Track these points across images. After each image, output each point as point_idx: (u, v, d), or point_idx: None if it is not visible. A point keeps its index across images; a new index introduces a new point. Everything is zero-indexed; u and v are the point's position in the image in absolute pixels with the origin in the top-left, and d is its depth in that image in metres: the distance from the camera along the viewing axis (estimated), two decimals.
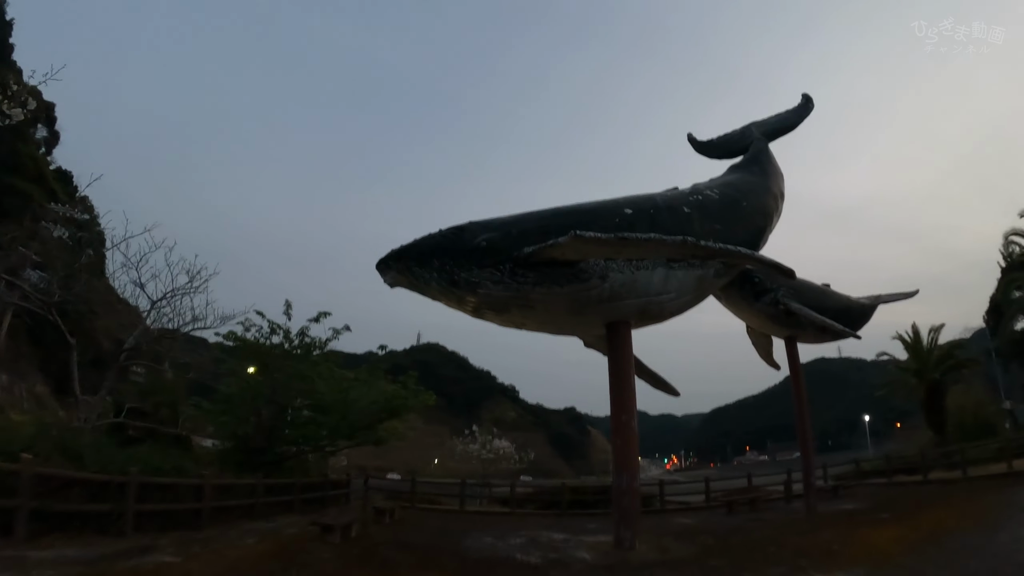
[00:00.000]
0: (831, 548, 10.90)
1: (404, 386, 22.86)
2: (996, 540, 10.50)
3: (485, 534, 14.06)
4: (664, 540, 12.33)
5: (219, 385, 22.07)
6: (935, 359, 34.52)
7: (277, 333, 21.29)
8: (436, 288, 10.77)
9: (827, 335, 20.24)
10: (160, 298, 20.14)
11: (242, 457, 19.28)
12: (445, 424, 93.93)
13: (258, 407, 19.90)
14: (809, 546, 11.16)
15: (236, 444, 20.19)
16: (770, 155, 18.57)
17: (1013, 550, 9.54)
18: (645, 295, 11.85)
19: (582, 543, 12.23)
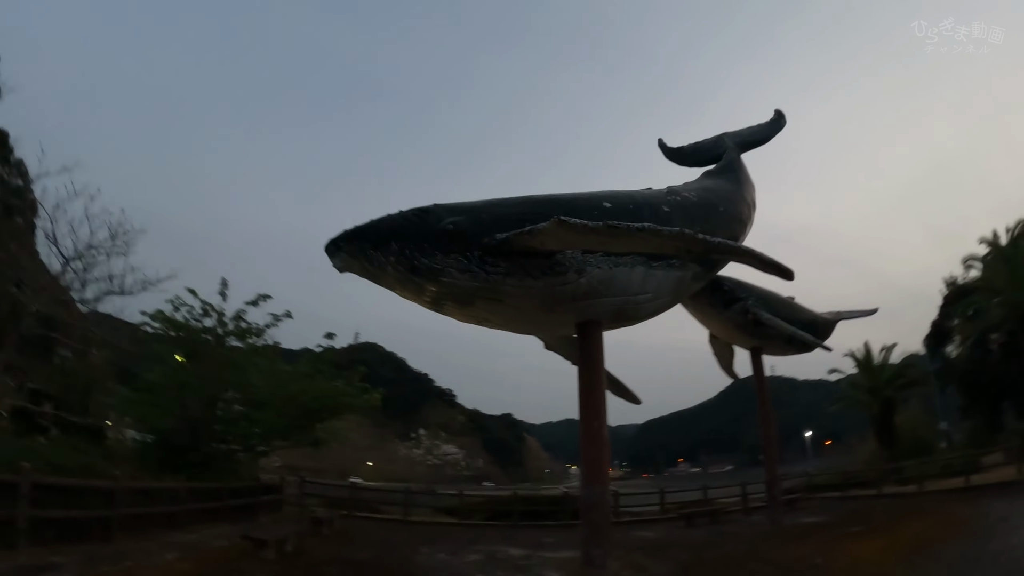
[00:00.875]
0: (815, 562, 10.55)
1: (348, 383, 21.11)
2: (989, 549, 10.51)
3: (436, 549, 12.97)
4: (634, 556, 11.58)
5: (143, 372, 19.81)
6: (887, 377, 35.19)
7: (210, 315, 19.42)
8: (392, 275, 9.43)
9: (792, 348, 19.93)
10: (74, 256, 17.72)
11: (164, 455, 17.31)
12: (381, 427, 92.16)
13: (184, 398, 17.90)
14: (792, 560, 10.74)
15: (158, 439, 18.21)
16: (744, 165, 18.16)
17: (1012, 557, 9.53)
18: (623, 294, 10.94)
19: (547, 561, 11.35)
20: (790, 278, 9.57)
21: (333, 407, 20.15)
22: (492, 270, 9.48)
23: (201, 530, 13.97)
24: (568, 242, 9.34)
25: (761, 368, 19.56)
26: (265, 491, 20.81)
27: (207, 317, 19.45)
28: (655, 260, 11.20)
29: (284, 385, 19.23)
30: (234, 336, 19.79)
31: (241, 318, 19.97)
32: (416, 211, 9.69)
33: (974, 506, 17.10)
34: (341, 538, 15.02)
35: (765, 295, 18.80)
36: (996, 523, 13.68)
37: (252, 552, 10.52)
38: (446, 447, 37.63)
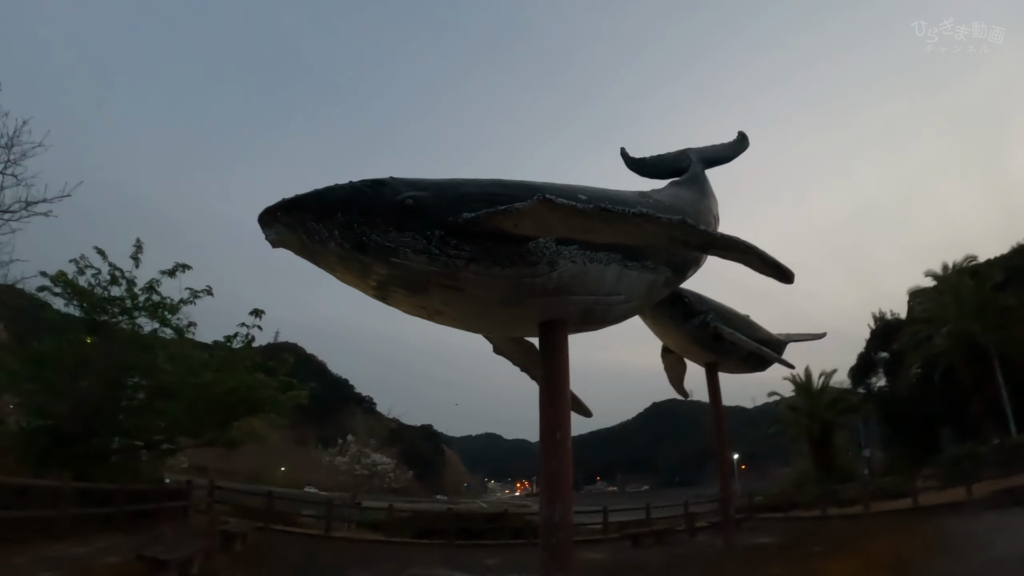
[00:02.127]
0: None
1: (274, 376, 18.93)
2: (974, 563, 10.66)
3: (367, 572, 11.49)
4: None
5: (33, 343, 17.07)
6: (826, 402, 36.37)
7: (119, 283, 17.10)
8: (335, 252, 8.03)
9: (748, 365, 19.56)
10: None
11: (50, 445, 14.99)
12: (296, 429, 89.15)
13: (81, 380, 15.60)
14: None
15: (44, 426, 15.81)
16: (708, 180, 17.65)
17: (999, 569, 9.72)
18: (594, 293, 9.89)
19: None
20: (790, 281, 8.68)
21: (253, 403, 17.93)
22: (454, 253, 8.20)
23: (88, 541, 11.94)
24: (549, 226, 8.14)
25: (717, 385, 19.11)
26: (169, 496, 18.54)
27: (115, 285, 17.12)
28: (630, 259, 10.24)
29: (197, 373, 16.97)
30: (144, 311, 17.45)
31: (154, 289, 17.63)
32: (370, 182, 8.31)
33: (932, 525, 17.43)
34: (256, 557, 13.37)
35: (724, 310, 18.51)
36: (967, 539, 13.86)
37: (149, 575, 8.83)
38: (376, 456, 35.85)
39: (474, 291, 8.74)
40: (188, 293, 18.18)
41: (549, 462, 9.58)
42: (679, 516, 25.48)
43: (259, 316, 18.80)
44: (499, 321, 10.55)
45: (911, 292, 41.43)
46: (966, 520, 17.19)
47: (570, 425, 10.07)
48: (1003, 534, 13.72)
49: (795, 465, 45.08)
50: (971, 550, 12.34)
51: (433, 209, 8.20)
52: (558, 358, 10.19)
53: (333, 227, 7.88)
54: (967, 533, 14.69)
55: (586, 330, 11.29)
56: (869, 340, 48.26)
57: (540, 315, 9.95)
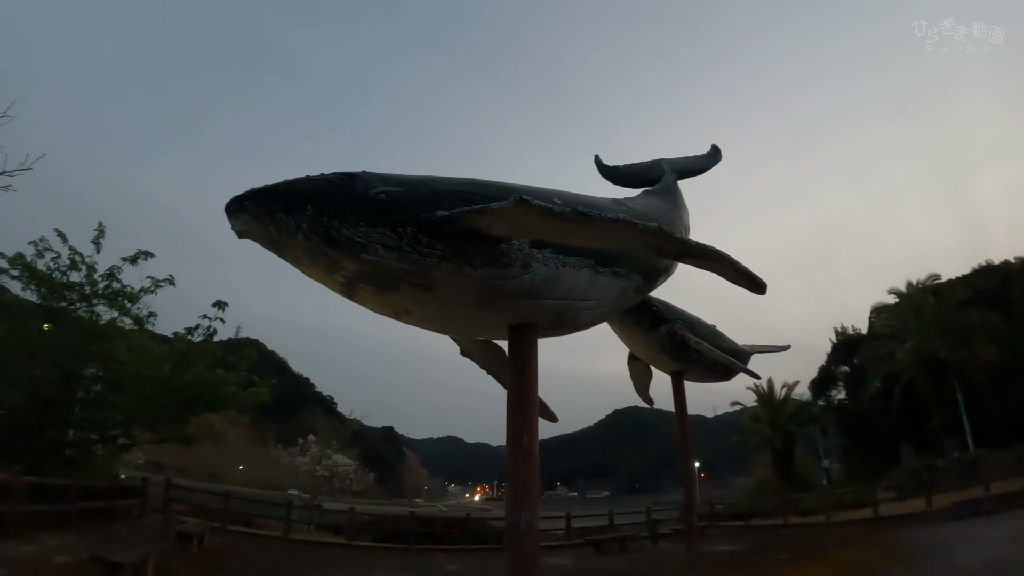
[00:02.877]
0: None
1: (235, 370, 18.19)
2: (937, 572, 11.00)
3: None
4: None
5: None
6: (788, 413, 36.96)
7: (79, 268, 16.38)
8: (303, 246, 7.77)
9: (713, 374, 19.75)
10: None
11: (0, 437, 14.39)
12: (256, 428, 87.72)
13: (34, 368, 15.05)
14: None
15: None
16: (680, 191, 17.85)
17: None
18: (566, 297, 9.83)
19: None
20: (762, 291, 8.67)
21: (212, 399, 17.22)
22: (426, 251, 8.05)
23: (39, 540, 11.43)
24: (524, 228, 8.01)
25: (683, 393, 19.20)
26: (124, 494, 17.56)
27: (75, 270, 16.40)
28: (602, 265, 10.25)
29: (155, 366, 16.34)
30: (103, 299, 16.71)
31: (115, 276, 16.89)
32: (342, 175, 8.12)
33: (895, 535, 17.54)
34: (213, 559, 12.94)
35: (692, 319, 18.59)
36: (931, 549, 13.99)
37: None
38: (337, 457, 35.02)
39: (444, 291, 8.58)
40: (149, 282, 17.48)
41: (516, 467, 9.45)
42: (642, 523, 25.48)
43: (222, 308, 17.97)
44: (468, 322, 10.33)
45: (874, 308, 42.25)
46: (928, 530, 17.42)
47: (538, 430, 9.97)
48: (966, 544, 13.93)
49: (755, 474, 45.68)
50: (936, 559, 12.54)
51: (406, 205, 8.03)
52: (527, 362, 10.09)
53: (302, 219, 7.63)
54: (930, 543, 14.89)
55: (556, 334, 11.20)
56: (830, 354, 49.16)
57: (511, 318, 9.85)
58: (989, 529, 15.48)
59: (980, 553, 12.52)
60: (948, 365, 32.90)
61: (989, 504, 19.29)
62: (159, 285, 17.47)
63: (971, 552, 12.80)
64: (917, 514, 21.40)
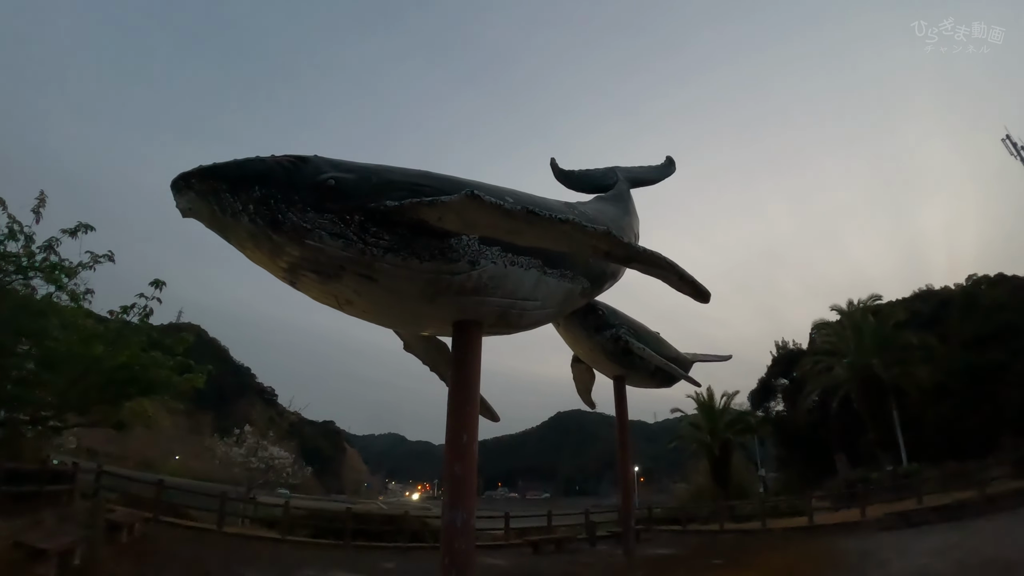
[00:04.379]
0: None
1: (170, 354, 17.35)
2: None
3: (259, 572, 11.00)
4: None
5: None
6: (727, 421, 37.80)
7: (17, 238, 15.38)
8: (247, 228, 7.59)
9: (655, 381, 20.08)
10: None
11: None
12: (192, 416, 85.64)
13: None
14: None
15: None
16: (632, 199, 17.99)
17: None
18: (512, 296, 9.80)
19: None
20: (706, 300, 8.79)
21: (146, 381, 16.44)
22: (372, 241, 7.95)
23: None
24: (474, 223, 7.98)
25: (624, 398, 19.42)
26: (52, 479, 16.43)
27: (12, 240, 15.39)
28: (550, 267, 10.26)
29: (88, 344, 15.42)
30: (40, 272, 15.70)
31: (53, 249, 15.80)
32: (292, 158, 7.94)
33: (827, 543, 17.91)
34: (143, 550, 12.54)
35: (636, 325, 18.86)
36: (864, 557, 14.26)
37: (26, 564, 8.18)
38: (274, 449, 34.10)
39: (389, 283, 8.48)
40: (88, 257, 16.37)
41: (453, 465, 9.43)
42: (580, 525, 25.70)
43: (159, 288, 17.10)
44: (412, 316, 10.21)
45: (815, 324, 43.40)
46: (861, 539, 17.87)
47: (477, 429, 9.96)
48: (898, 553, 14.36)
49: (692, 480, 46.55)
50: (868, 567, 12.87)
51: (355, 193, 7.92)
52: (470, 359, 10.07)
53: (248, 201, 7.47)
54: (863, 551, 15.28)
55: (500, 333, 11.18)
56: (770, 367, 50.60)
57: (455, 314, 9.81)
58: (920, 540, 15.96)
59: (911, 562, 12.96)
60: (884, 382, 33.90)
61: (921, 516, 19.90)
62: (98, 261, 16.44)
63: (902, 561, 13.23)
64: (851, 523, 21.91)
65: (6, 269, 15.35)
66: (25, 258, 15.51)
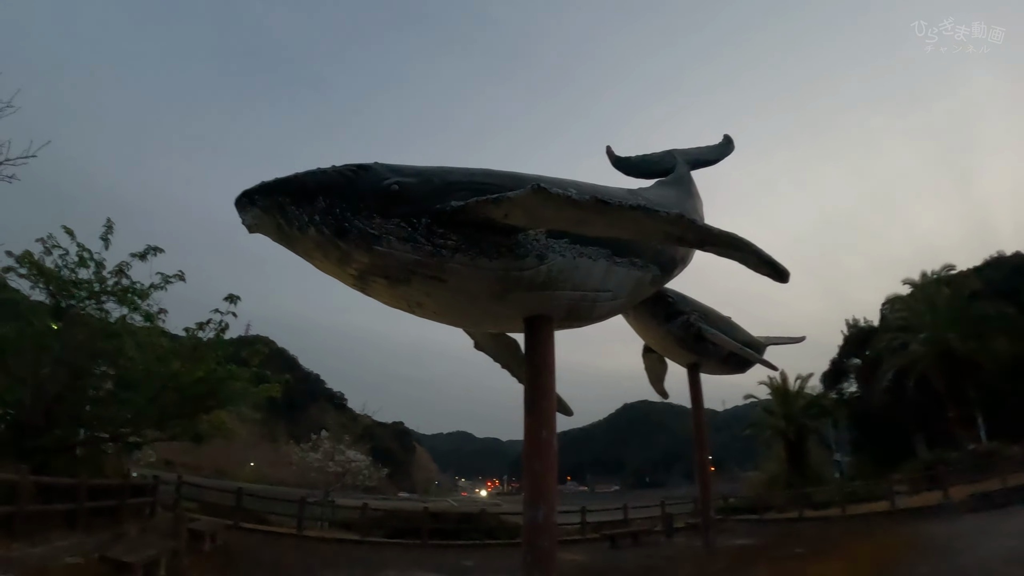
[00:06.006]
0: None
1: (246, 366, 17.72)
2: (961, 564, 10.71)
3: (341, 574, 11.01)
4: None
5: None
6: (802, 405, 36.88)
7: (88, 265, 15.94)
8: (314, 239, 7.63)
9: (728, 366, 19.50)
10: None
11: (8, 436, 14.13)
12: (266, 424, 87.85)
13: (42, 366, 14.62)
14: None
15: (2, 415, 14.87)
16: (694, 181, 17.39)
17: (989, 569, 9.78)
18: (582, 288, 9.57)
19: None
20: (786, 279, 8.36)
21: (223, 395, 16.93)
22: (440, 243, 7.85)
23: (48, 540, 11.09)
24: (540, 217, 7.78)
25: (699, 385, 18.95)
26: (134, 492, 17.06)
27: (83, 267, 15.95)
28: (619, 256, 9.97)
29: (165, 362, 16.00)
30: (112, 296, 16.27)
31: (124, 273, 16.44)
32: (353, 166, 7.90)
33: (911, 528, 17.48)
34: (225, 558, 12.77)
35: (707, 311, 18.39)
36: (950, 541, 13.73)
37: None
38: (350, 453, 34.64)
39: (459, 283, 8.37)
40: (159, 278, 16.98)
41: (533, 462, 9.24)
42: (655, 517, 25.39)
43: (234, 303, 17.47)
44: (483, 315, 10.04)
45: (887, 299, 41.87)
46: (946, 523, 17.26)
47: (555, 424, 9.74)
48: (986, 536, 13.82)
49: (765, 468, 45.44)
50: (956, 551, 12.32)
51: (419, 196, 7.84)
52: (544, 355, 9.85)
53: (313, 212, 7.49)
54: (949, 535, 14.73)
55: (571, 327, 10.95)
56: (842, 347, 48.46)
57: (526, 310, 9.62)
58: (1007, 521, 15.43)
59: (1000, 544, 12.45)
60: (961, 357, 32.41)
61: (1005, 496, 19.18)
62: (168, 281, 17.01)
63: (991, 544, 12.71)
64: (933, 507, 21.22)
65: (79, 295, 15.86)
66: (97, 283, 16.03)
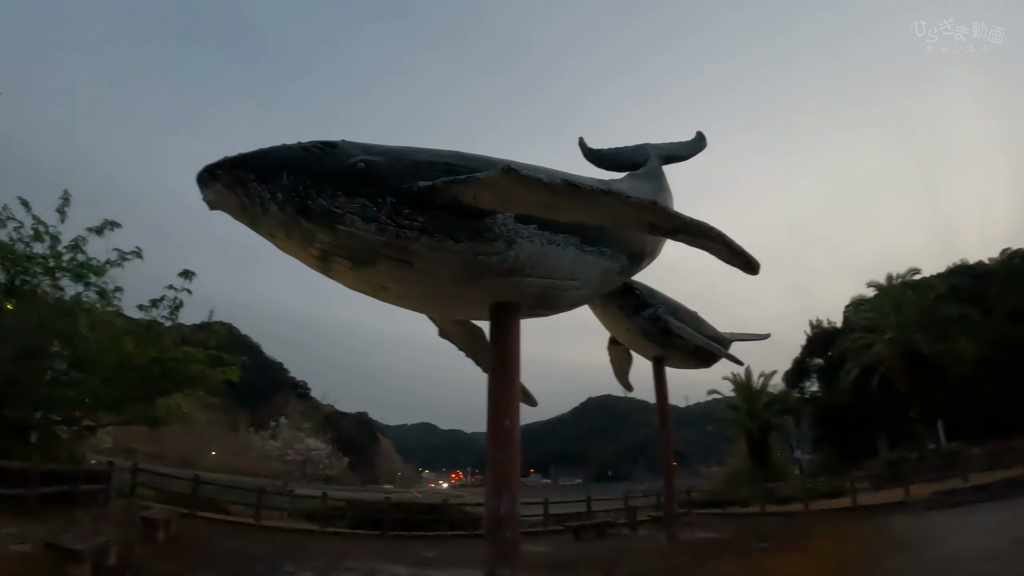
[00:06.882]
0: None
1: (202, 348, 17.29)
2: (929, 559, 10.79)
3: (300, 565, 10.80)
4: None
5: None
6: (765, 402, 37.38)
7: (43, 239, 15.52)
8: (277, 217, 7.37)
9: (694, 361, 19.62)
10: None
11: None
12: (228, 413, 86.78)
13: None
14: None
15: None
16: (665, 176, 17.34)
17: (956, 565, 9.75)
18: (550, 276, 9.40)
19: None
20: (756, 271, 8.26)
21: (179, 377, 16.37)
22: (405, 224, 7.62)
23: None
24: (510, 200, 7.60)
25: (663, 379, 18.99)
26: (88, 478, 16.53)
27: (38, 241, 15.54)
28: (588, 244, 9.81)
29: (118, 341, 15.40)
30: (68, 272, 15.80)
31: (80, 248, 15.99)
32: (320, 143, 7.68)
33: (874, 524, 17.56)
34: (181, 547, 12.35)
35: (674, 305, 18.38)
36: (916, 538, 13.93)
37: (60, 566, 7.99)
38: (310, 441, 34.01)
39: (424, 266, 8.16)
40: (116, 254, 16.60)
41: (497, 451, 9.09)
42: (618, 510, 25.54)
43: (188, 278, 17.14)
44: (449, 300, 9.84)
45: (852, 300, 42.85)
46: (910, 519, 17.49)
47: (519, 414, 9.59)
48: (952, 533, 13.92)
49: (728, 463, 46.12)
50: (923, 548, 12.46)
51: (386, 175, 7.63)
52: (509, 343, 9.69)
53: (276, 189, 7.24)
54: (915, 531, 14.94)
55: (539, 315, 10.81)
56: (805, 346, 49.53)
57: (493, 296, 9.47)
58: (971, 519, 15.56)
59: (967, 541, 12.51)
60: (927, 358, 33.07)
61: (968, 495, 19.45)
62: (126, 258, 16.57)
63: (957, 541, 12.79)
64: (895, 504, 21.50)
65: (33, 271, 15.31)
66: (52, 259, 15.49)
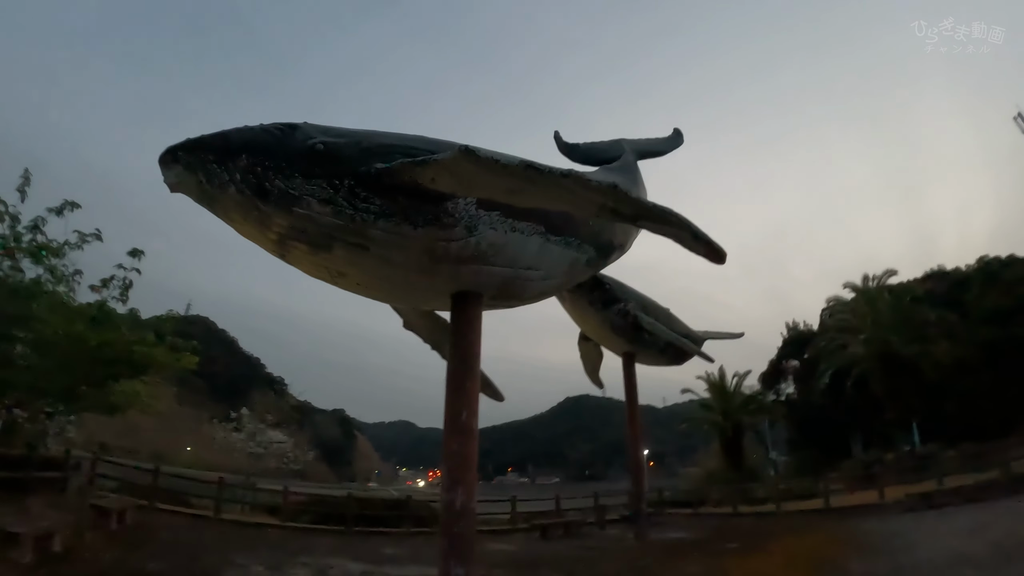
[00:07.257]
0: None
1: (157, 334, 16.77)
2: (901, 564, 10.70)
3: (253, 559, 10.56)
4: None
5: None
6: (739, 402, 37.42)
7: (2, 219, 15.07)
8: (234, 198, 7.22)
9: (665, 358, 19.59)
10: None
11: None
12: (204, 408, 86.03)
13: None
14: None
15: None
16: (640, 171, 17.20)
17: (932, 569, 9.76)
18: (513, 265, 9.21)
19: None
20: (722, 260, 8.04)
21: (133, 361, 15.78)
22: (363, 207, 7.45)
23: None
24: (470, 183, 7.35)
25: (633, 375, 18.98)
26: (43, 466, 16.03)
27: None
28: (554, 233, 9.60)
29: (73, 323, 14.93)
30: (27, 254, 15.27)
31: (39, 229, 15.45)
32: (281, 125, 7.56)
33: (847, 526, 17.43)
34: (134, 537, 12.17)
35: (645, 300, 18.34)
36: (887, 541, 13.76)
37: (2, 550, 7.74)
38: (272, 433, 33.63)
39: (381, 251, 7.96)
40: (76, 236, 16.00)
41: (452, 442, 8.91)
42: (589, 508, 25.43)
43: (138, 257, 16.61)
44: (409, 289, 9.63)
45: (828, 302, 43.02)
46: (882, 522, 17.41)
47: (477, 406, 9.39)
48: (925, 535, 13.87)
49: (703, 464, 46.26)
50: (895, 550, 12.34)
51: (345, 157, 7.44)
52: (469, 333, 9.53)
53: (235, 170, 7.11)
54: (887, 534, 14.80)
55: (502, 306, 10.61)
56: (781, 348, 49.85)
57: (453, 285, 9.28)
58: (946, 522, 15.51)
59: (942, 544, 12.47)
60: (903, 359, 33.18)
61: (943, 498, 19.38)
62: (86, 240, 16.09)
63: (932, 544, 12.74)
64: (869, 506, 21.49)
65: None
66: (12, 239, 15.10)
